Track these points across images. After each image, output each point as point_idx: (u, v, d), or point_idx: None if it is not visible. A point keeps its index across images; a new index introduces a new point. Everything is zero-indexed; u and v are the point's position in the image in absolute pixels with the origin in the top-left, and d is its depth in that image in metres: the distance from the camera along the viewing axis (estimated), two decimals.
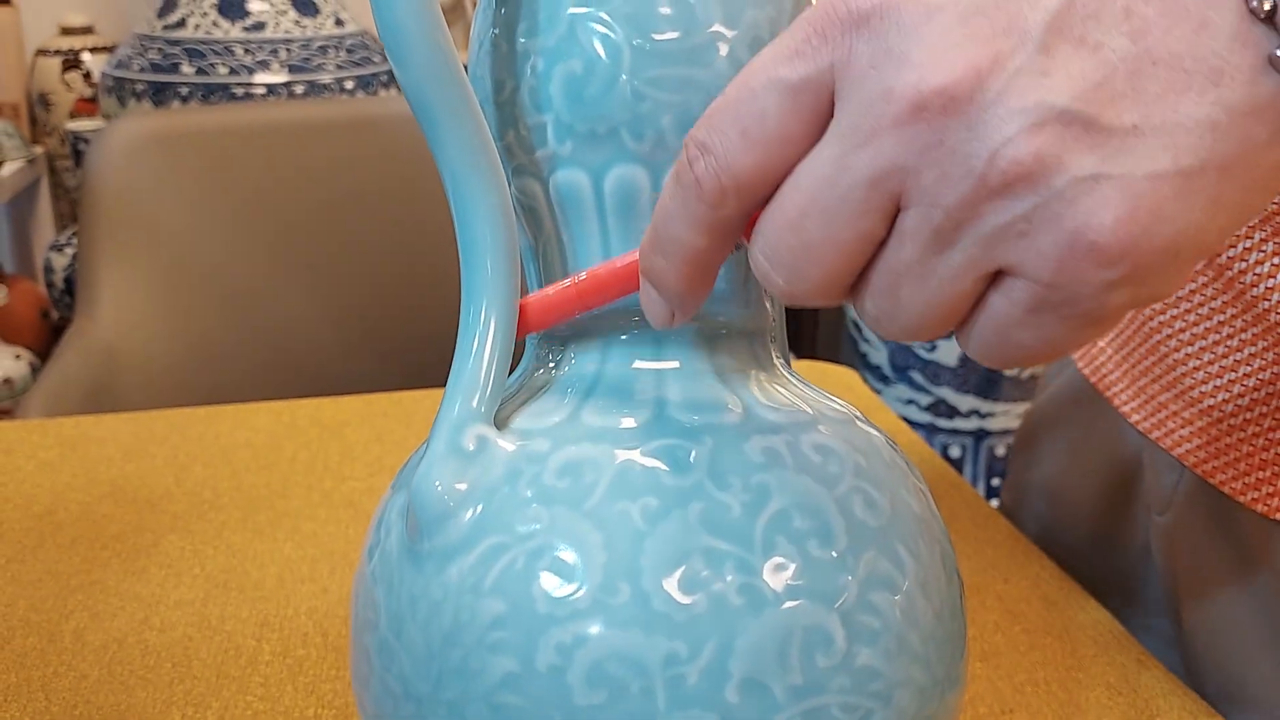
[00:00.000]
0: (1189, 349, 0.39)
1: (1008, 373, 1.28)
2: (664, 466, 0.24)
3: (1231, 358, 0.37)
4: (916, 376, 1.31)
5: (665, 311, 0.23)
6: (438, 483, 0.25)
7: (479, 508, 0.24)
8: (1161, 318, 0.40)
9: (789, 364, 0.30)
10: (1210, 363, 0.38)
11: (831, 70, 0.20)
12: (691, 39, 0.25)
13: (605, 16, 0.25)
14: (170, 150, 0.99)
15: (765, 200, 0.21)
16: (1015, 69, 0.19)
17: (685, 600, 0.23)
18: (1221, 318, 0.37)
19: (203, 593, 0.45)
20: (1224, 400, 0.38)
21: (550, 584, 0.23)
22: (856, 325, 1.36)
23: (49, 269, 1.38)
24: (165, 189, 0.98)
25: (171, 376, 0.96)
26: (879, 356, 1.34)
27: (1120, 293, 0.19)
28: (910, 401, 1.34)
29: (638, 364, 0.26)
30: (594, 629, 0.23)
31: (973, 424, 1.32)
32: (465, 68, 0.28)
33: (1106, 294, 0.19)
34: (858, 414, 0.28)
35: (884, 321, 0.21)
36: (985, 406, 1.30)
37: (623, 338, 0.27)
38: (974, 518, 0.52)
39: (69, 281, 1.35)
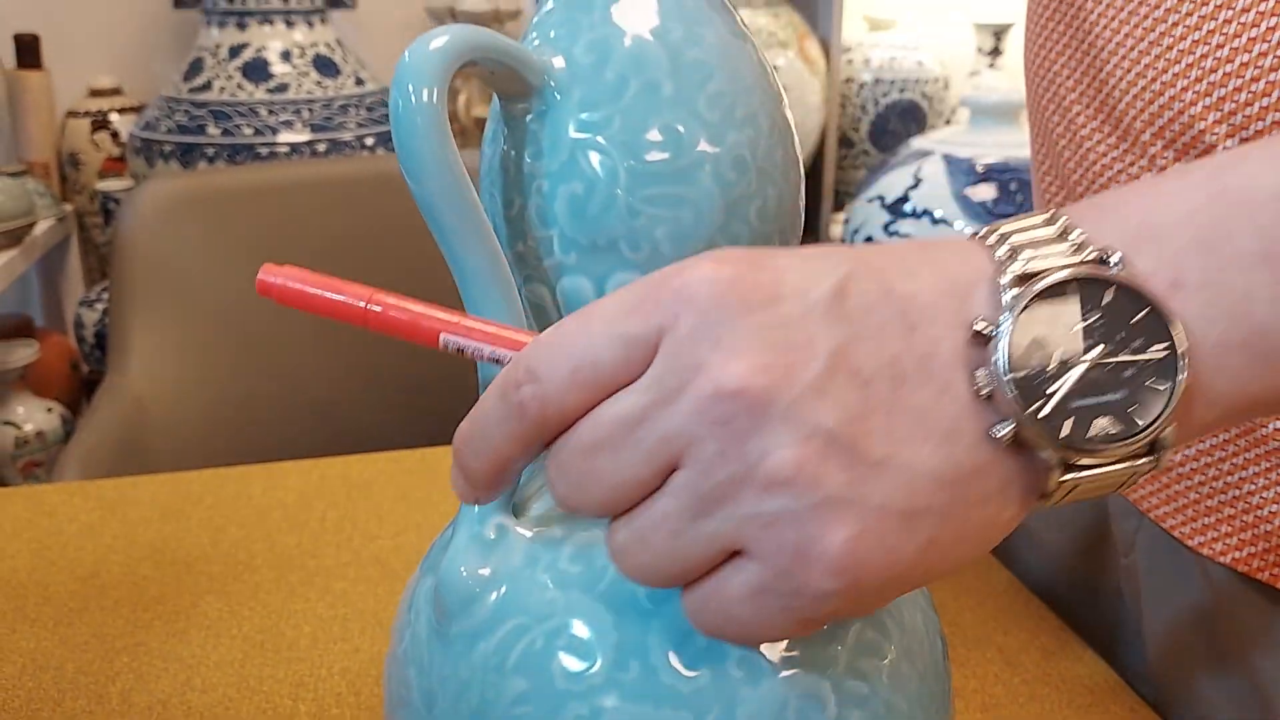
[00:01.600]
0: None
1: None
2: None
3: None
4: None
5: (472, 496, 0.26)
6: (463, 569, 0.27)
7: (501, 591, 0.27)
8: None
9: None
10: None
11: (659, 331, 0.22)
12: (680, 160, 0.28)
13: (602, 141, 0.28)
14: (198, 209, 1.02)
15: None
16: (801, 384, 0.21)
17: (690, 674, 0.25)
18: None
19: (241, 653, 0.48)
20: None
21: (567, 662, 0.26)
22: None
23: (79, 324, 1.41)
24: (194, 247, 1.02)
25: (201, 430, 0.99)
26: None
27: (833, 600, 0.22)
28: None
29: None
30: (608, 702, 0.25)
31: None
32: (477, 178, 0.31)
33: (822, 599, 0.22)
34: None
35: (626, 555, 0.23)
36: None
37: None
38: (975, 569, 0.54)
39: (99, 336, 1.39)
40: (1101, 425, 0.22)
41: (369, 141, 1.29)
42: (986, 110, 1.27)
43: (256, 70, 1.28)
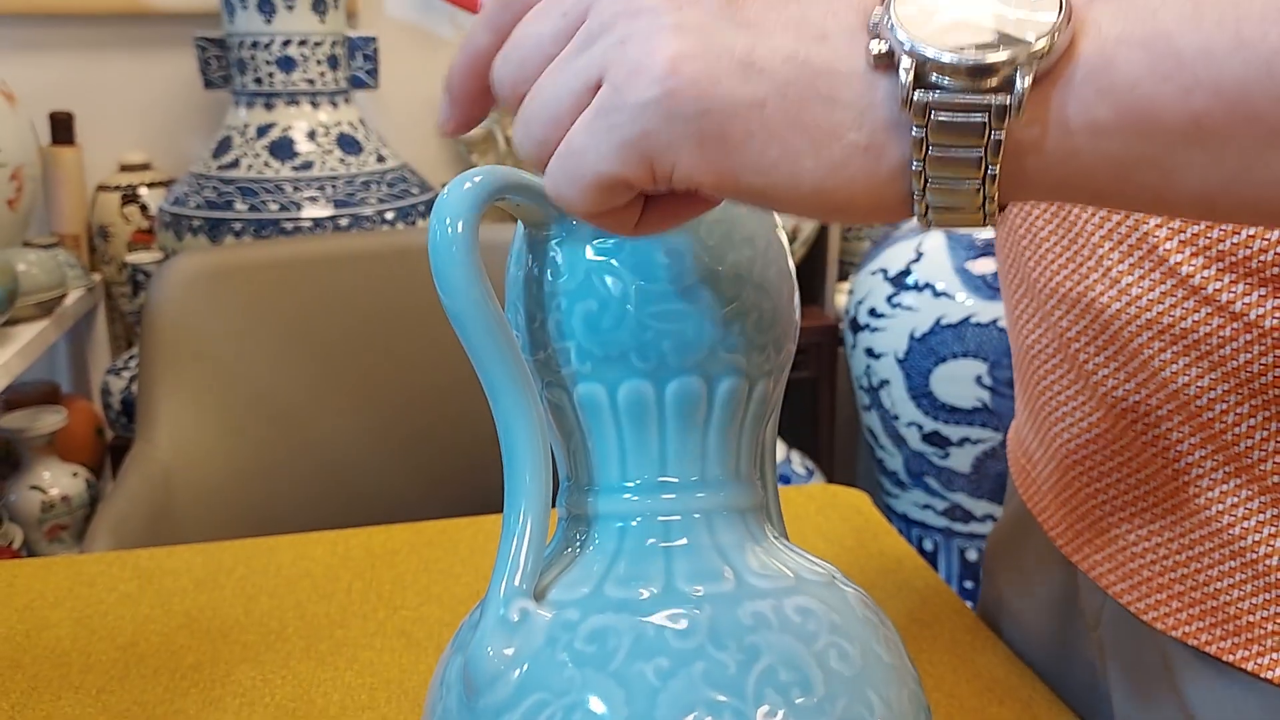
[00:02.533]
0: (1099, 485, 0.45)
1: None
2: (672, 631, 0.30)
3: (1136, 492, 0.43)
4: (931, 482, 1.36)
5: (447, 114, 0.29)
6: (489, 649, 0.30)
7: (524, 669, 0.30)
8: (1076, 456, 0.46)
9: (784, 534, 0.35)
10: (1116, 498, 0.44)
11: None
12: (684, 280, 0.31)
13: (615, 264, 0.32)
14: (226, 283, 1.06)
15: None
16: None
17: None
18: (1131, 467, 0.43)
19: None
20: (1127, 531, 0.43)
21: None
22: (872, 433, 1.41)
23: (106, 391, 1.45)
24: (221, 319, 1.05)
25: (228, 498, 1.02)
26: (895, 463, 1.39)
27: (648, 113, 0.24)
28: (927, 506, 1.38)
29: (650, 542, 0.32)
30: None
31: (989, 528, 1.35)
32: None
33: (639, 110, 0.24)
34: (836, 573, 0.34)
35: (523, 112, 0.26)
36: (1000, 511, 1.33)
37: (638, 520, 0.32)
38: (973, 642, 0.57)
39: (125, 402, 1.43)
40: (967, 42, 0.23)
41: (389, 216, 1.33)
42: None
43: (283, 148, 1.34)
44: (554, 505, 0.35)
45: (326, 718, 0.50)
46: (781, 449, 1.50)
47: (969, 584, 1.38)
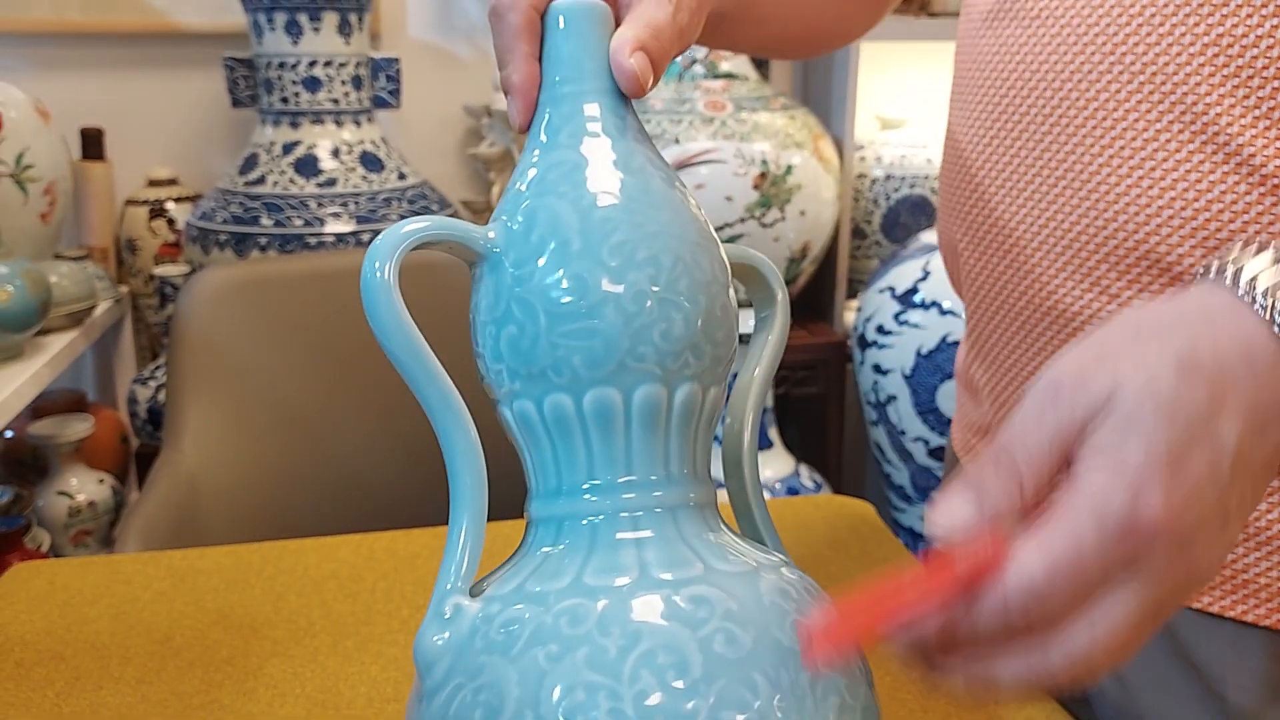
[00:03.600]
0: None
1: None
2: (567, 620, 0.33)
3: None
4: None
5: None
6: (435, 638, 0.34)
7: (450, 656, 0.34)
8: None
9: (770, 530, 0.39)
10: None
11: (1138, 552, 0.29)
12: (586, 300, 0.35)
13: (527, 291, 0.35)
14: (251, 295, 1.10)
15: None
16: (1214, 529, 0.31)
17: None
18: None
19: (304, 711, 0.53)
20: None
21: (484, 713, 0.32)
22: (879, 447, 1.43)
23: (133, 400, 1.49)
24: (247, 331, 1.08)
25: (251, 503, 1.05)
26: (901, 478, 1.41)
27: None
28: None
29: (574, 541, 0.35)
30: None
31: None
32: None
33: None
34: (767, 565, 0.35)
35: (1069, 655, 0.30)
36: None
37: (569, 522, 0.36)
38: None
39: (151, 411, 1.47)
40: None
41: None
42: None
43: (307, 166, 1.38)
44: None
45: (354, 708, 0.53)
46: (790, 463, 1.52)
47: None
